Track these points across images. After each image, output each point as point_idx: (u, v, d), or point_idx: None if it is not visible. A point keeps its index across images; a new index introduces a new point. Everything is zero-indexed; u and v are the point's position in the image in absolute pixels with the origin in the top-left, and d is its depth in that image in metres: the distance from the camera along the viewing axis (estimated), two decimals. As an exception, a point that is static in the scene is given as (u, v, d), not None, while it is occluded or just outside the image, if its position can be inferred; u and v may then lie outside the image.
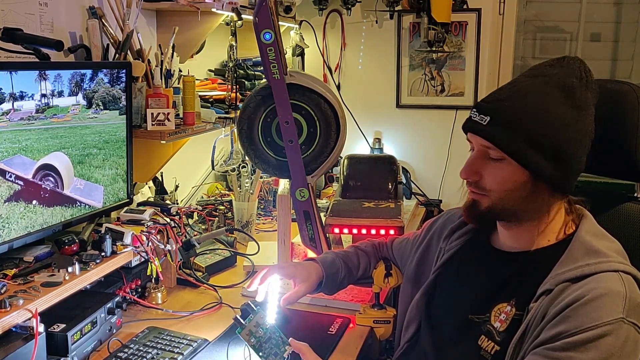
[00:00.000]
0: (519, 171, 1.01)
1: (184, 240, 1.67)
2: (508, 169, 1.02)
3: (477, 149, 1.06)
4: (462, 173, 1.07)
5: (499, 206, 1.04)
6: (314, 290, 1.38)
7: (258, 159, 1.79)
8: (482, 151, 1.05)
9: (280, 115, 1.70)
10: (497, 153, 1.02)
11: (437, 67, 2.80)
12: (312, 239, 1.82)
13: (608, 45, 2.76)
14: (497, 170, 1.03)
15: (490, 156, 1.03)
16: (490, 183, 1.04)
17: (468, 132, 1.07)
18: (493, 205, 1.05)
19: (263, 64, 1.65)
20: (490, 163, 1.04)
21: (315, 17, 2.84)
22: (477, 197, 1.07)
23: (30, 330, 1.15)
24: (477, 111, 1.05)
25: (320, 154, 1.77)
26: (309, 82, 1.71)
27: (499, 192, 1.03)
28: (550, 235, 1.06)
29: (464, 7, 2.70)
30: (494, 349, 1.02)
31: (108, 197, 1.54)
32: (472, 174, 1.05)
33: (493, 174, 1.03)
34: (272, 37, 1.60)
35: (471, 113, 1.06)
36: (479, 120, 1.03)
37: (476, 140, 1.05)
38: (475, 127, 1.04)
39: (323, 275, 1.37)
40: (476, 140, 1.05)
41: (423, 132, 2.88)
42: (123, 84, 1.54)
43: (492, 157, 1.03)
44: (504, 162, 1.02)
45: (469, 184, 1.08)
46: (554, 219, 1.06)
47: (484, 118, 1.03)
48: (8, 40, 1.31)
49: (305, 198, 1.76)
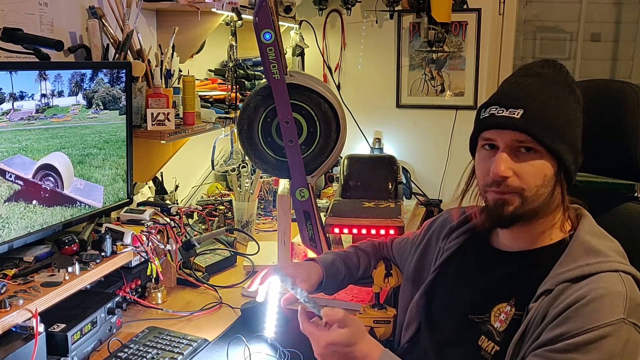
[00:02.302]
0: (548, 165, 1.00)
1: (184, 240, 1.67)
2: (539, 163, 1.00)
3: (505, 145, 1.01)
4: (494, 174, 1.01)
5: (529, 204, 1.01)
6: (314, 291, 1.37)
7: (258, 159, 1.79)
8: (512, 147, 1.01)
9: (281, 115, 1.70)
10: (532, 144, 0.99)
11: (437, 67, 2.79)
12: (312, 239, 1.82)
13: (608, 45, 2.76)
14: (530, 165, 1.00)
15: (521, 151, 1.00)
16: (523, 180, 1.00)
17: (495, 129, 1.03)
18: (523, 203, 1.01)
19: (263, 64, 1.65)
20: (522, 158, 1.00)
21: (315, 17, 2.84)
22: (505, 196, 1.02)
23: (30, 330, 1.15)
24: (502, 106, 1.01)
25: (320, 154, 1.77)
26: (309, 82, 1.71)
27: (532, 188, 1.00)
28: (549, 234, 1.06)
29: (464, 7, 2.70)
30: (494, 349, 1.02)
31: (108, 197, 1.54)
32: (506, 171, 1.00)
33: (526, 170, 1.00)
34: (272, 37, 1.60)
35: (492, 109, 1.03)
36: (508, 114, 1.00)
37: (505, 136, 1.01)
38: (507, 121, 1.00)
39: (323, 276, 1.36)
40: (505, 136, 1.01)
41: (423, 132, 2.88)
42: (123, 84, 1.54)
43: (524, 151, 1.00)
44: (535, 155, 1.00)
45: (495, 184, 1.02)
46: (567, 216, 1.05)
47: (515, 111, 0.99)
48: (8, 40, 1.31)
49: (305, 198, 1.76)
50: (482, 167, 1.06)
